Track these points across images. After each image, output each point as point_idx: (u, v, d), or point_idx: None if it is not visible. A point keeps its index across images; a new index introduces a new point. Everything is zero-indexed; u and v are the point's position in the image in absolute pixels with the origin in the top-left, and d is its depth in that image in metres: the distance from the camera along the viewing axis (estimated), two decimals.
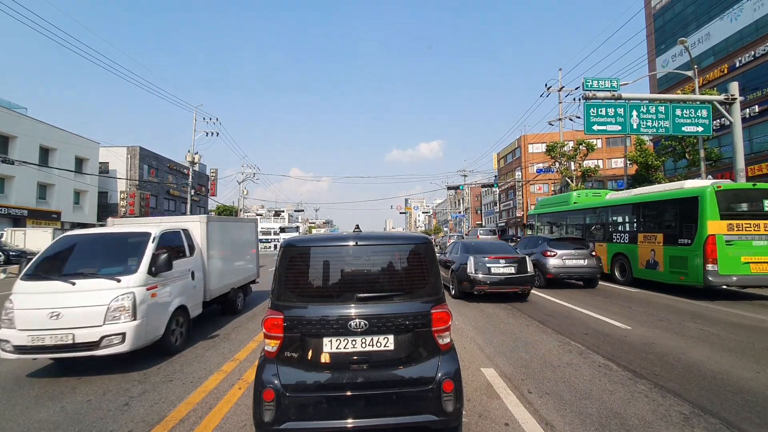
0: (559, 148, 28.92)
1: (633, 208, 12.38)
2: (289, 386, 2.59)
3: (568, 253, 11.37)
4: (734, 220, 9.31)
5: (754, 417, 3.37)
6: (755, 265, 9.09)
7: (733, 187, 9.98)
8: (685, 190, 10.38)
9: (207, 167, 58.33)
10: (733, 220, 9.30)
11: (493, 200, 71.40)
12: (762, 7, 24.56)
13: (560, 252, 11.36)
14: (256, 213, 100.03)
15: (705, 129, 15.73)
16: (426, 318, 2.76)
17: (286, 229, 49.19)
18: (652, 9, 34.13)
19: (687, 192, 10.15)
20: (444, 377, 2.65)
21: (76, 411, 3.68)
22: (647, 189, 12.83)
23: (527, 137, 54.25)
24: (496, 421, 3.34)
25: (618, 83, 15.93)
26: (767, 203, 9.52)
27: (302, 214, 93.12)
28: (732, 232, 9.24)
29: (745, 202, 9.79)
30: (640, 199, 12.09)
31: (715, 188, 9.43)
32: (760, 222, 9.27)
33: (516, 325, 6.86)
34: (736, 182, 10.52)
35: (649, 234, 11.26)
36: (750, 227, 9.27)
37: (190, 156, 36.17)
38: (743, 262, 9.11)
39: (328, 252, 2.95)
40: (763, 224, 9.27)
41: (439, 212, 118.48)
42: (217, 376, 4.52)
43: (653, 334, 6.09)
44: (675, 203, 10.54)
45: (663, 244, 10.62)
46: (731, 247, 9.18)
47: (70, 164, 34.16)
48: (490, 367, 4.65)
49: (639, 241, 11.59)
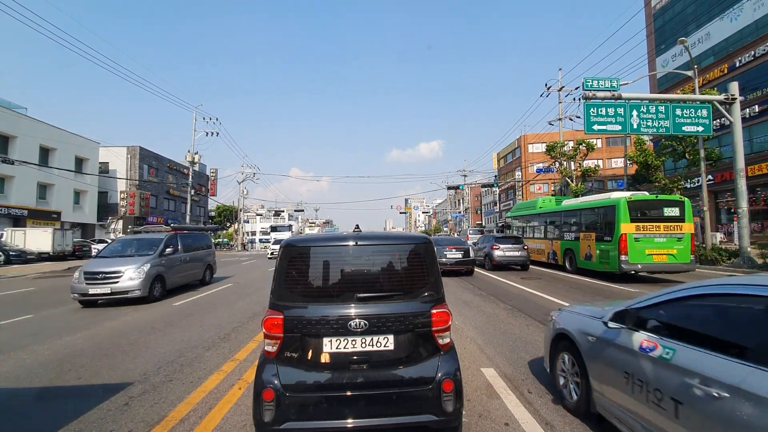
0: (559, 148, 28.91)
1: (577, 213, 15.35)
2: (289, 386, 2.59)
3: (508, 246, 15.75)
4: (641, 222, 12.19)
5: None
6: (656, 256, 12.02)
7: (641, 198, 12.71)
8: (609, 200, 13.28)
9: (207, 167, 58.36)
10: (640, 223, 12.18)
11: (493, 200, 71.37)
12: (762, 7, 24.55)
13: (503, 246, 15.75)
14: (256, 213, 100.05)
15: (705, 129, 15.73)
16: (426, 318, 2.76)
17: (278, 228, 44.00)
18: (652, 9, 34.13)
19: (610, 202, 13.11)
20: (444, 377, 2.65)
21: (77, 411, 3.68)
22: (588, 198, 15.97)
23: (527, 137, 54.26)
24: (496, 421, 3.34)
25: (618, 83, 15.92)
26: (666, 210, 12.34)
27: (302, 214, 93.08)
28: (639, 231, 12.13)
29: (649, 210, 12.49)
30: (581, 206, 15.16)
31: (628, 199, 12.34)
32: (660, 224, 12.19)
33: (516, 325, 6.86)
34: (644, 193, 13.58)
35: (587, 233, 14.24)
36: (652, 228, 12.20)
37: (190, 156, 36.20)
38: (647, 254, 11.99)
39: (328, 252, 2.94)
40: (662, 225, 12.17)
41: (439, 212, 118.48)
42: (217, 376, 4.52)
43: None
44: (602, 210, 13.48)
45: (595, 241, 13.56)
46: (639, 242, 12.06)
47: (70, 164, 34.17)
48: (490, 367, 4.65)
49: (581, 239, 14.56)
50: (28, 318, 8.21)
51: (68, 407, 3.77)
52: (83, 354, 5.55)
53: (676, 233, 12.16)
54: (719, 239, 23.96)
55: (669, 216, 12.28)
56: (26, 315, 8.48)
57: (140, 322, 7.53)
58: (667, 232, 12.17)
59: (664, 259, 12.01)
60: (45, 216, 31.87)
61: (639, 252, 11.96)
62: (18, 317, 8.26)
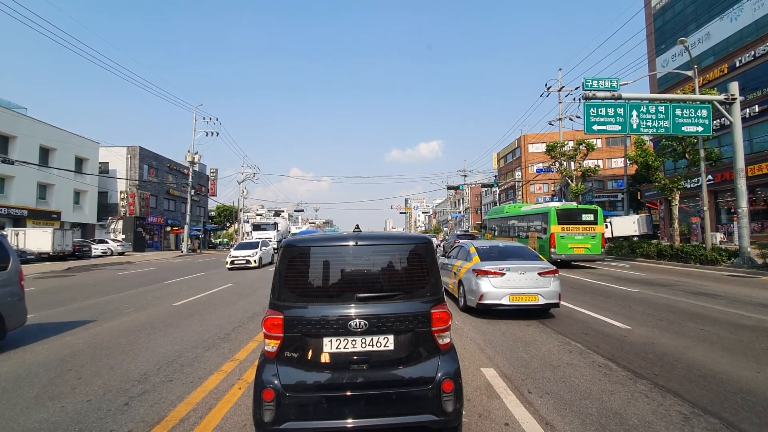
0: (559, 148, 28.91)
1: (528, 217, 20.11)
2: (289, 386, 2.59)
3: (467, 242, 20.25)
4: (565, 225, 16.69)
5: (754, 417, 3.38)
6: (576, 249, 16.61)
7: (566, 207, 17.78)
8: (546, 208, 18.25)
9: (207, 167, 58.34)
10: (564, 225, 16.68)
11: (493, 200, 71.29)
12: (762, 7, 24.53)
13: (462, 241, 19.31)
14: (256, 213, 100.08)
15: (705, 129, 15.73)
16: (426, 318, 2.76)
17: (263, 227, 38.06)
18: (652, 9, 34.11)
19: (546, 209, 17.98)
20: (444, 377, 2.65)
21: (76, 411, 3.68)
22: (536, 206, 22.70)
23: (527, 137, 54.28)
24: (496, 421, 3.34)
25: (618, 83, 15.89)
26: (583, 216, 16.93)
27: (302, 214, 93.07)
28: (564, 231, 16.63)
29: (571, 216, 17.01)
30: (531, 212, 20.24)
31: (557, 208, 17.21)
32: (579, 226, 16.77)
33: (516, 325, 6.85)
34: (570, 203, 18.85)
35: (533, 232, 19.00)
36: (573, 229, 16.73)
37: (190, 156, 36.20)
38: (569, 247, 16.54)
39: (328, 252, 2.94)
40: (581, 227, 16.75)
41: (439, 212, 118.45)
42: (217, 376, 4.52)
43: (653, 334, 6.11)
44: (541, 215, 18.28)
45: (537, 238, 18.10)
46: (563, 239, 16.56)
47: (70, 164, 34.17)
48: (490, 367, 4.65)
49: (529, 236, 19.19)
50: (28, 317, 8.19)
51: (68, 407, 3.78)
52: (83, 354, 5.55)
53: (590, 233, 16.70)
54: (719, 239, 23.96)
55: (586, 220, 16.83)
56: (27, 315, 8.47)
57: (140, 322, 7.54)
58: (584, 232, 16.69)
59: (581, 251, 16.62)
60: (45, 216, 31.86)
61: (564, 246, 16.48)
62: None
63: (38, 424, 3.44)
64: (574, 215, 17.00)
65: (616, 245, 23.10)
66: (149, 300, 10.25)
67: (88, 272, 19.54)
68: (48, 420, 3.51)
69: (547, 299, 7.05)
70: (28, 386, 4.37)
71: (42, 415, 3.63)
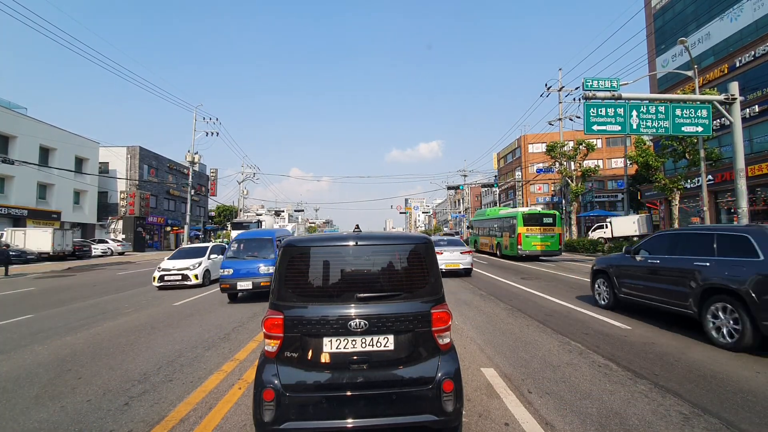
0: (559, 148, 28.90)
1: (502, 219, 23.52)
2: (289, 386, 2.59)
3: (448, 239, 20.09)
4: (529, 226, 20.57)
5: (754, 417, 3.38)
6: (538, 246, 20.38)
7: (531, 212, 21.76)
8: (515, 212, 21.88)
9: (207, 167, 58.39)
10: (529, 227, 20.55)
11: (493, 200, 71.26)
12: (762, 7, 24.51)
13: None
14: (256, 213, 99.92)
15: (705, 129, 15.70)
16: (426, 318, 2.76)
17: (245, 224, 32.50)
18: (652, 9, 34.09)
19: (515, 213, 21.66)
20: (444, 377, 2.65)
21: (76, 411, 3.68)
22: (509, 210, 25.83)
23: (527, 137, 54.25)
24: (496, 421, 3.34)
25: (618, 83, 15.86)
26: (544, 219, 20.93)
27: (302, 214, 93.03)
28: (528, 231, 20.49)
29: (535, 219, 20.92)
30: (505, 215, 23.65)
31: (523, 212, 21.20)
32: (541, 227, 20.68)
33: (516, 325, 6.85)
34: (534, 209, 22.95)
35: (506, 231, 22.49)
36: (536, 230, 20.61)
37: (190, 156, 36.14)
38: (533, 245, 20.32)
39: (328, 252, 2.94)
40: (542, 228, 20.68)
41: (439, 212, 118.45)
42: (217, 376, 4.52)
43: (652, 333, 6.10)
44: (511, 218, 21.78)
45: (509, 237, 21.80)
46: (528, 238, 20.35)
47: (70, 164, 34.16)
48: (490, 367, 4.65)
49: (503, 236, 22.86)
50: (28, 317, 8.21)
51: (68, 407, 3.78)
52: (83, 354, 5.56)
53: (550, 233, 20.75)
54: None
55: (546, 223, 20.86)
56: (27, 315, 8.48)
57: (140, 322, 7.54)
58: (545, 232, 20.66)
59: (543, 248, 20.45)
60: (45, 216, 31.86)
61: (528, 243, 20.34)
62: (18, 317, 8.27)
63: (38, 424, 3.44)
64: (537, 219, 20.92)
65: (615, 245, 23.10)
66: (149, 300, 10.25)
67: (88, 272, 19.54)
68: (48, 420, 3.51)
69: (464, 266, 13.77)
70: (28, 386, 4.37)
71: (42, 415, 3.63)
